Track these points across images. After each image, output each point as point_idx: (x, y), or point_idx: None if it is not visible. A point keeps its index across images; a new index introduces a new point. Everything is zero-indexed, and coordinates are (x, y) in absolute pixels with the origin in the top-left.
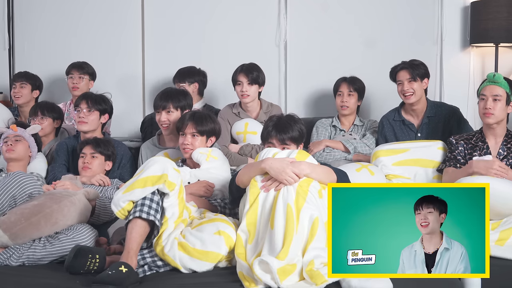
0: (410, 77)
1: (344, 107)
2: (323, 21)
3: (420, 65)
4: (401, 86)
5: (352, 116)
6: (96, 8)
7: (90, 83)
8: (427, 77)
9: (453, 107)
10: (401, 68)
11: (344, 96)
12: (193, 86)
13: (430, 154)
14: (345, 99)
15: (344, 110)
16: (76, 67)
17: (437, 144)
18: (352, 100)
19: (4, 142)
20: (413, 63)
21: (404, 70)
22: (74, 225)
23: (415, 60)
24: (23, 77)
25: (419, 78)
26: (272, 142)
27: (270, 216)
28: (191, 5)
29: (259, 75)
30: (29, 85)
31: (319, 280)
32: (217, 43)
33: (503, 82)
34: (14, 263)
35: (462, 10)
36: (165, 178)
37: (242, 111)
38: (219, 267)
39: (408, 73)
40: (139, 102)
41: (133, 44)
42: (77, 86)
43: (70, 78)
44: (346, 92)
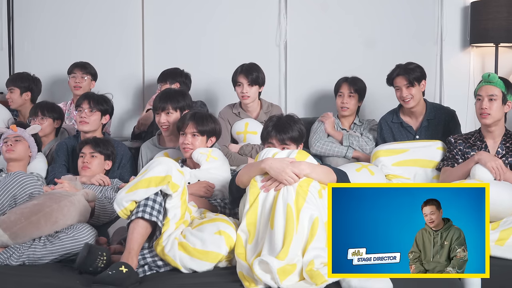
0: (407, 82)
1: (344, 108)
2: (323, 21)
3: (416, 68)
4: (399, 92)
5: (352, 116)
6: (96, 9)
7: (92, 83)
8: (424, 79)
9: (451, 110)
10: (397, 74)
11: (345, 97)
12: (174, 86)
13: (430, 154)
14: (346, 100)
15: (344, 111)
16: (79, 67)
17: (437, 144)
18: (353, 101)
19: (4, 142)
20: (408, 67)
21: (401, 77)
22: (74, 224)
23: (409, 63)
24: (10, 82)
25: (416, 82)
26: (272, 142)
27: (270, 216)
28: (192, 6)
29: (259, 76)
30: (17, 89)
31: (319, 280)
32: (217, 44)
33: (499, 82)
34: (14, 263)
35: (462, 10)
36: (169, 180)
37: (242, 111)
38: (219, 267)
39: (405, 79)
40: (139, 102)
41: (133, 44)
42: (80, 85)
43: (73, 77)
44: (346, 93)
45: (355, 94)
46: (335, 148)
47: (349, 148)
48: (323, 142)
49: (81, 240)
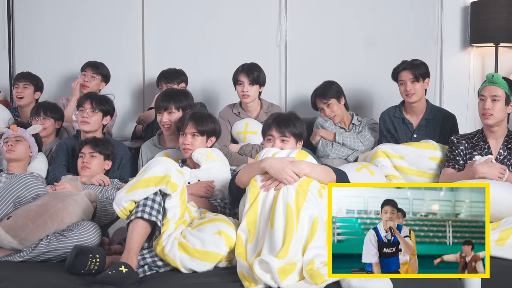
0: (413, 77)
1: (332, 117)
2: (324, 21)
3: (421, 64)
4: (403, 86)
5: (347, 117)
6: (97, 9)
7: (101, 84)
8: (428, 77)
9: (451, 113)
10: (403, 68)
11: (326, 111)
12: (181, 86)
13: (424, 166)
14: (327, 112)
15: (333, 119)
16: (91, 66)
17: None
18: (334, 108)
19: (4, 142)
20: (414, 63)
21: (407, 71)
22: (80, 222)
23: (415, 59)
24: (26, 77)
25: (421, 78)
26: (271, 135)
27: (270, 215)
28: (192, 6)
29: (259, 75)
30: (32, 86)
31: (319, 280)
32: (217, 44)
33: (502, 82)
34: (19, 259)
35: (462, 10)
36: (168, 179)
37: (242, 111)
38: (219, 267)
39: (411, 73)
40: (139, 102)
41: (133, 44)
42: (87, 85)
43: (83, 76)
44: (324, 105)
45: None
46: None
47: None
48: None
49: (86, 238)
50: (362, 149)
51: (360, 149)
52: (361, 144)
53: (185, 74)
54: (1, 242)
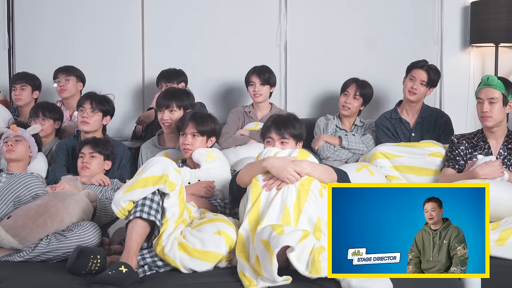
0: (427, 81)
1: (346, 108)
2: (324, 21)
3: (437, 73)
4: (412, 82)
5: (353, 117)
6: (96, 9)
7: (78, 84)
8: (434, 87)
9: (444, 112)
10: (421, 66)
11: (349, 97)
12: (180, 86)
13: (423, 163)
14: (350, 100)
15: (344, 111)
16: (62, 70)
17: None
18: (356, 104)
19: (4, 142)
20: (432, 68)
21: (423, 71)
22: (80, 222)
23: (433, 65)
24: (22, 78)
25: (430, 84)
26: (271, 137)
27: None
28: (192, 6)
29: (270, 76)
30: (29, 86)
31: (315, 271)
32: (217, 44)
33: (498, 84)
34: (19, 259)
35: (462, 10)
36: (166, 178)
37: (252, 110)
38: (219, 267)
39: (427, 75)
40: (139, 102)
41: (133, 44)
42: (65, 88)
43: (57, 82)
44: (352, 93)
45: (360, 98)
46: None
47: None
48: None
49: (86, 238)
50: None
51: (364, 153)
52: (366, 149)
53: (185, 74)
54: (1, 241)
